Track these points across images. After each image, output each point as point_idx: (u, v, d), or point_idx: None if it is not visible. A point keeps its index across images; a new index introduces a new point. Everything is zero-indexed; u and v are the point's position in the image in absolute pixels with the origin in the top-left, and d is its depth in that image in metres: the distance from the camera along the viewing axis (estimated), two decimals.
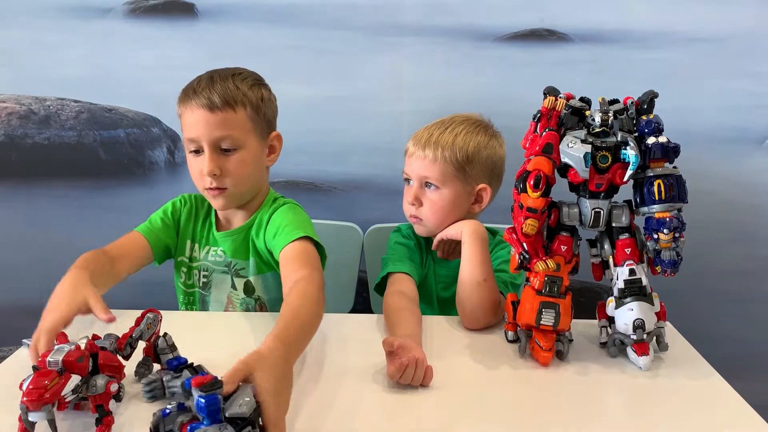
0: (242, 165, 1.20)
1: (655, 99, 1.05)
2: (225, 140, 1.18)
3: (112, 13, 1.58)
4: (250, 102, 1.20)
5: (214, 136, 1.17)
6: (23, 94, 1.62)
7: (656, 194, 1.01)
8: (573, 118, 1.05)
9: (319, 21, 1.57)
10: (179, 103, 1.22)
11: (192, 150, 1.20)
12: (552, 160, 1.02)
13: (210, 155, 1.17)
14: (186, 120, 1.20)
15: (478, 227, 1.22)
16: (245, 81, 1.21)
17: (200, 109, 1.16)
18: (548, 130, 1.04)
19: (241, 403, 0.71)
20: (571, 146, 1.02)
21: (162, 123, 1.63)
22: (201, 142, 1.18)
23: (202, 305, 1.32)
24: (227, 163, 1.19)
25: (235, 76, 1.21)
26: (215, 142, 1.17)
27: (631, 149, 1.00)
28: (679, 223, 1.01)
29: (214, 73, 1.22)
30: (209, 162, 1.17)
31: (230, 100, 1.17)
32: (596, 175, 1.02)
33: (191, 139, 1.19)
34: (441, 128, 1.28)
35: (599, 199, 1.05)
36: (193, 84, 1.20)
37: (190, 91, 1.19)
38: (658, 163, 1.03)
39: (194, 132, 1.18)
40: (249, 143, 1.20)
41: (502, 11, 1.55)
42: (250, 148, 1.21)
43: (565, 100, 1.05)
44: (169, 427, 0.73)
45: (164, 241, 1.28)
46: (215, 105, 1.16)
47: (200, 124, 1.17)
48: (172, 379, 0.87)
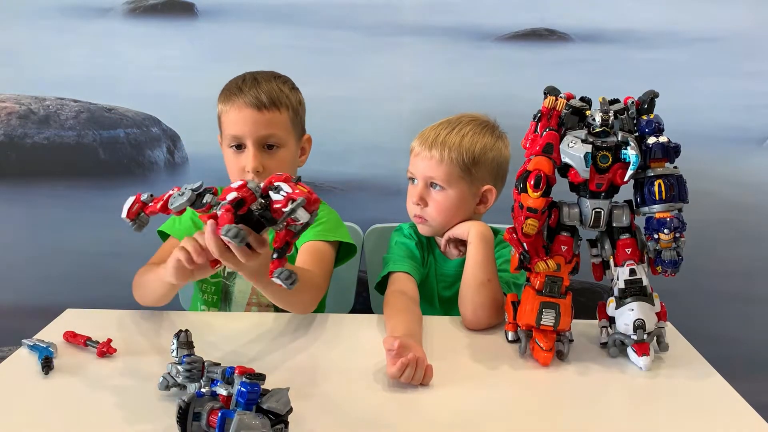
0: (282, 163, 1.26)
1: (656, 99, 1.05)
2: (270, 138, 1.24)
3: (112, 12, 1.58)
4: (291, 104, 1.28)
5: (260, 134, 1.23)
6: (23, 93, 1.62)
7: (657, 194, 1.01)
8: (573, 117, 1.05)
9: (319, 21, 1.57)
10: (222, 101, 1.28)
11: (233, 146, 1.25)
12: (552, 160, 1.02)
13: (254, 152, 1.23)
14: (230, 117, 1.25)
15: (485, 229, 1.22)
16: (286, 84, 1.29)
17: (248, 108, 1.23)
18: (548, 129, 1.03)
19: (279, 400, 0.73)
20: (571, 146, 1.02)
21: (162, 123, 1.63)
22: (245, 139, 1.24)
23: (224, 295, 1.32)
24: (270, 161, 1.25)
25: (277, 78, 1.29)
26: (261, 140, 1.24)
27: (631, 149, 1.00)
28: (679, 223, 1.01)
29: (255, 74, 1.28)
30: (254, 158, 1.23)
31: (276, 101, 1.24)
32: (597, 175, 1.02)
33: (235, 135, 1.24)
34: (448, 128, 1.27)
35: (600, 199, 1.05)
36: (237, 83, 1.26)
37: (234, 90, 1.25)
38: (659, 163, 1.03)
39: (239, 129, 1.24)
40: (289, 143, 1.28)
41: (502, 11, 1.55)
42: (290, 147, 1.28)
43: (565, 100, 1.04)
44: (198, 409, 0.74)
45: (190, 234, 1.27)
46: (263, 104, 1.23)
47: (247, 122, 1.23)
48: (214, 365, 0.85)
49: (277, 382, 0.80)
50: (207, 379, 0.84)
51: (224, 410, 0.72)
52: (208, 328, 1.15)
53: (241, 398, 0.71)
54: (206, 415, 0.74)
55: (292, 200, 0.77)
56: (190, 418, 0.75)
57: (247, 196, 0.81)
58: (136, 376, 0.96)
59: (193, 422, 0.75)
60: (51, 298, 1.63)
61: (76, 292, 1.67)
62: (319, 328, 1.11)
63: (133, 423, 0.84)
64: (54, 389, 0.93)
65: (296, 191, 0.78)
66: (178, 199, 0.86)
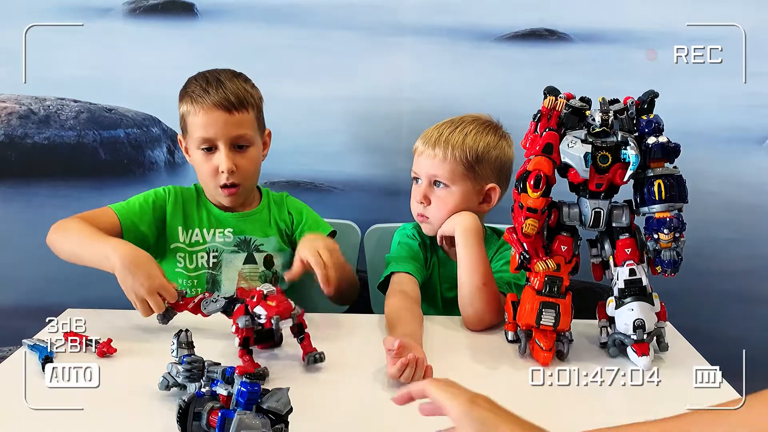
0: (253, 161, 1.30)
1: (656, 99, 1.05)
2: (241, 139, 1.27)
3: (112, 13, 1.58)
4: (256, 102, 1.30)
5: (231, 135, 1.26)
6: (23, 93, 1.62)
7: (656, 194, 1.01)
8: (573, 117, 1.05)
9: (319, 21, 1.56)
10: (186, 102, 1.28)
11: (203, 148, 1.27)
12: (552, 160, 1.02)
13: (227, 153, 1.26)
14: (198, 120, 1.26)
15: (470, 223, 1.22)
16: (247, 82, 1.31)
17: (218, 109, 1.25)
18: (548, 130, 1.04)
19: (279, 400, 0.73)
20: (571, 146, 1.02)
21: (162, 123, 1.63)
22: (217, 141, 1.26)
23: (212, 285, 1.35)
24: (242, 160, 1.28)
25: (237, 76, 1.30)
26: (232, 140, 1.27)
27: (631, 149, 1.00)
28: (679, 223, 1.01)
29: (216, 73, 1.29)
30: (227, 159, 1.26)
31: (244, 101, 1.26)
32: (596, 175, 1.02)
33: (207, 138, 1.26)
34: (451, 127, 1.27)
35: (599, 199, 1.05)
36: (200, 84, 1.27)
37: (199, 92, 1.26)
38: (659, 163, 1.03)
39: (210, 132, 1.25)
40: (257, 141, 1.31)
41: (502, 11, 1.55)
42: (257, 145, 1.32)
43: (565, 100, 1.04)
44: (198, 409, 0.74)
45: (138, 226, 1.30)
46: (233, 105, 1.25)
47: (218, 124, 1.25)
48: (213, 365, 0.85)
49: (277, 383, 0.80)
50: (207, 378, 0.84)
51: (224, 410, 0.72)
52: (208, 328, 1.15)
53: (241, 398, 0.71)
54: (206, 415, 0.74)
55: (271, 319, 0.95)
56: (191, 418, 0.75)
57: (250, 334, 0.98)
58: (136, 376, 0.96)
59: (193, 422, 0.75)
60: (51, 298, 1.63)
61: (76, 292, 1.67)
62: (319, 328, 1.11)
63: (132, 423, 0.84)
64: (54, 389, 0.93)
65: (270, 312, 0.96)
66: (212, 305, 1.07)
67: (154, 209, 1.33)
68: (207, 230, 1.35)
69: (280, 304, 0.97)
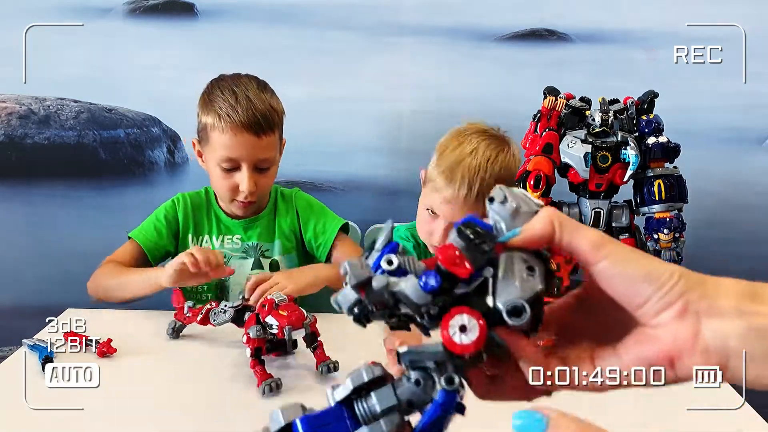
0: (272, 177, 1.30)
1: (656, 99, 1.05)
2: (266, 161, 1.25)
3: (112, 13, 1.58)
4: (280, 120, 1.27)
5: (258, 158, 1.24)
6: (23, 93, 1.62)
7: (656, 194, 1.02)
8: (573, 118, 1.05)
9: (319, 21, 1.57)
10: (210, 115, 1.23)
11: (225, 168, 1.24)
12: (552, 160, 1.02)
13: (250, 174, 1.24)
14: (224, 139, 1.21)
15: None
16: (273, 96, 1.27)
17: (246, 132, 1.20)
18: (548, 130, 1.04)
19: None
20: (571, 146, 1.02)
21: (162, 123, 1.63)
22: (241, 161, 1.23)
23: (220, 290, 1.35)
24: (262, 179, 1.27)
25: (263, 89, 1.25)
26: (257, 163, 1.24)
27: (631, 149, 1.00)
28: (679, 224, 1.01)
29: (245, 90, 1.23)
30: (249, 181, 1.24)
31: (271, 123, 1.23)
32: (596, 175, 1.03)
33: (231, 158, 1.23)
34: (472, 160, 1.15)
35: (599, 199, 1.05)
36: (228, 101, 1.21)
37: (226, 108, 1.21)
38: (659, 163, 1.03)
39: (236, 153, 1.22)
40: (277, 159, 1.29)
41: (502, 11, 1.55)
42: (277, 161, 1.30)
43: (565, 100, 1.05)
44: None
45: (159, 244, 1.33)
46: (261, 129, 1.21)
47: (245, 147, 1.21)
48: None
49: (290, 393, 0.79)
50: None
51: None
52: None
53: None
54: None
55: (284, 329, 0.94)
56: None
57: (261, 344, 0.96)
58: (136, 376, 0.96)
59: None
60: (51, 298, 1.63)
61: (76, 292, 1.67)
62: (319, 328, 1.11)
63: (132, 423, 0.84)
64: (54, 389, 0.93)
65: (283, 322, 0.94)
66: (221, 316, 1.02)
67: (168, 223, 1.34)
68: (216, 237, 1.36)
69: (292, 314, 0.95)
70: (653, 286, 0.38)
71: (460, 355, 0.39)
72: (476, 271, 0.38)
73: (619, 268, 0.37)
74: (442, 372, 0.41)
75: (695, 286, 0.40)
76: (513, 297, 0.38)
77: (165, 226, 1.33)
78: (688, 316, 0.38)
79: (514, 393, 0.45)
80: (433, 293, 0.39)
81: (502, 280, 0.39)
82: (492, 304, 0.39)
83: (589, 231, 0.38)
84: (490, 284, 0.39)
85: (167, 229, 1.33)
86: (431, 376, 0.41)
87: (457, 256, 0.38)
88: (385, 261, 0.40)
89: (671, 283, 0.38)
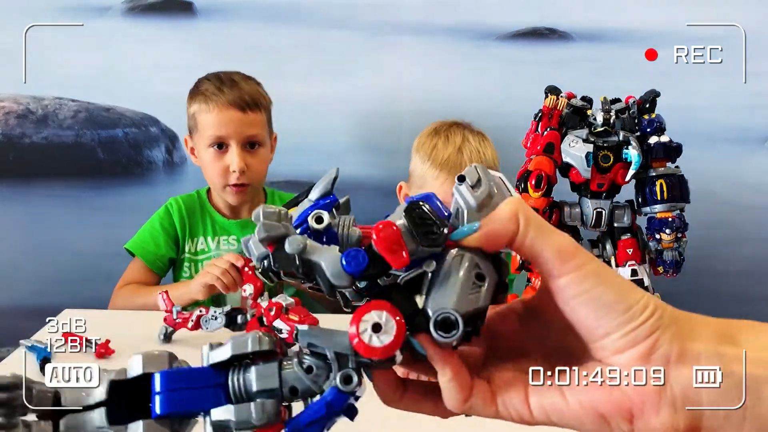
0: (263, 162, 1.32)
1: (657, 98, 1.04)
2: (253, 138, 1.28)
3: (111, 12, 1.57)
4: (267, 105, 1.32)
5: (245, 134, 1.27)
6: (21, 93, 1.62)
7: (658, 194, 1.01)
8: (574, 117, 1.05)
9: (319, 20, 1.56)
10: (197, 101, 1.28)
11: (215, 146, 1.27)
12: (553, 160, 1.02)
13: (239, 152, 1.26)
14: (211, 118, 1.26)
15: None
16: (259, 85, 1.32)
17: (232, 108, 1.25)
18: (550, 129, 1.03)
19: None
20: (572, 146, 1.01)
21: (160, 122, 1.62)
22: (229, 139, 1.26)
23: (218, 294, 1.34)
24: (252, 160, 1.29)
25: (250, 79, 1.32)
26: (245, 140, 1.28)
27: (633, 149, 1.00)
28: (681, 224, 1.01)
29: (229, 74, 1.30)
30: (239, 158, 1.26)
31: (257, 102, 1.28)
32: (598, 174, 1.02)
33: (219, 136, 1.26)
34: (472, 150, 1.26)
35: (601, 199, 1.04)
36: (214, 84, 1.27)
37: (213, 90, 1.27)
38: (661, 163, 1.03)
39: (223, 130, 1.26)
40: (267, 142, 1.33)
41: (502, 10, 1.55)
42: (267, 146, 1.33)
43: (566, 100, 1.04)
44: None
45: (158, 253, 1.33)
46: (246, 104, 1.26)
47: (232, 122, 1.26)
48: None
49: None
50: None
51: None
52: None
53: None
54: None
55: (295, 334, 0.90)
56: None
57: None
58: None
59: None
60: (49, 298, 1.62)
61: (75, 292, 1.66)
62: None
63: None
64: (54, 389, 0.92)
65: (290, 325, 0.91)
66: (213, 323, 1.00)
67: (164, 230, 1.34)
68: (212, 238, 1.36)
69: (305, 319, 0.92)
70: (621, 317, 0.31)
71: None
72: (414, 262, 0.32)
73: (584, 288, 0.31)
74: (342, 366, 0.34)
75: (670, 324, 0.33)
76: (447, 306, 0.31)
77: (162, 234, 1.33)
78: (654, 360, 0.32)
79: (426, 405, 0.37)
80: (354, 277, 0.32)
81: (442, 281, 0.32)
82: (421, 306, 0.32)
83: (559, 236, 0.32)
84: (427, 281, 0.32)
85: (165, 236, 1.33)
86: (328, 366, 0.34)
87: (396, 240, 0.31)
88: (314, 218, 0.34)
89: (643, 316, 0.32)
